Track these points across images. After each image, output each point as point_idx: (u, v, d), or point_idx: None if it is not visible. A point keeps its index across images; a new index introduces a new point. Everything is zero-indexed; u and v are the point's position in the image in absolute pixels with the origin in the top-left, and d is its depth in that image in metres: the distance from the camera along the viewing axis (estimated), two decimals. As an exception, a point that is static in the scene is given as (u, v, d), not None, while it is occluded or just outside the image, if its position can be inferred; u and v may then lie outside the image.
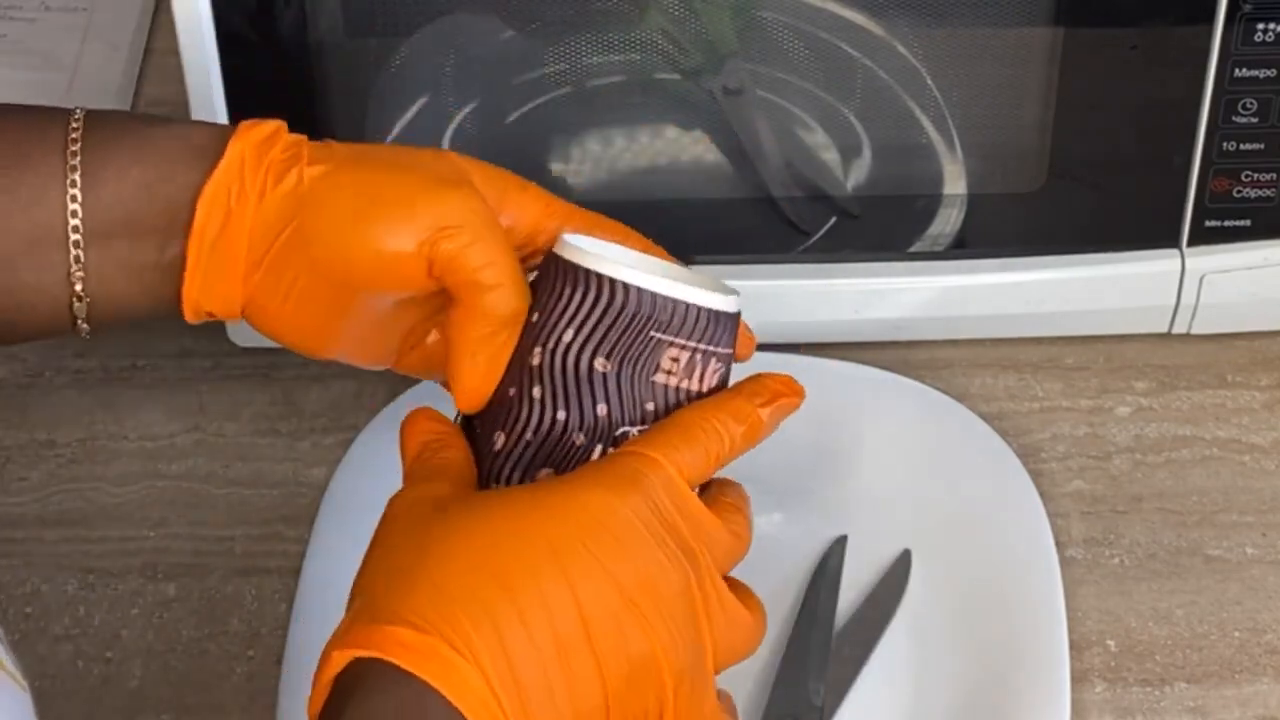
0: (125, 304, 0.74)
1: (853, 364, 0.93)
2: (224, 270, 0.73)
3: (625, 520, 0.66)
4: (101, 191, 0.73)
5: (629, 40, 0.88)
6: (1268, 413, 0.95)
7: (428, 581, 0.63)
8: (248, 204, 0.72)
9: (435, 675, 0.61)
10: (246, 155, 0.73)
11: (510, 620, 0.63)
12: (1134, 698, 0.85)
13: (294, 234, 0.72)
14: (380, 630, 0.62)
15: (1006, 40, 0.88)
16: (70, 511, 0.91)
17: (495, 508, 0.66)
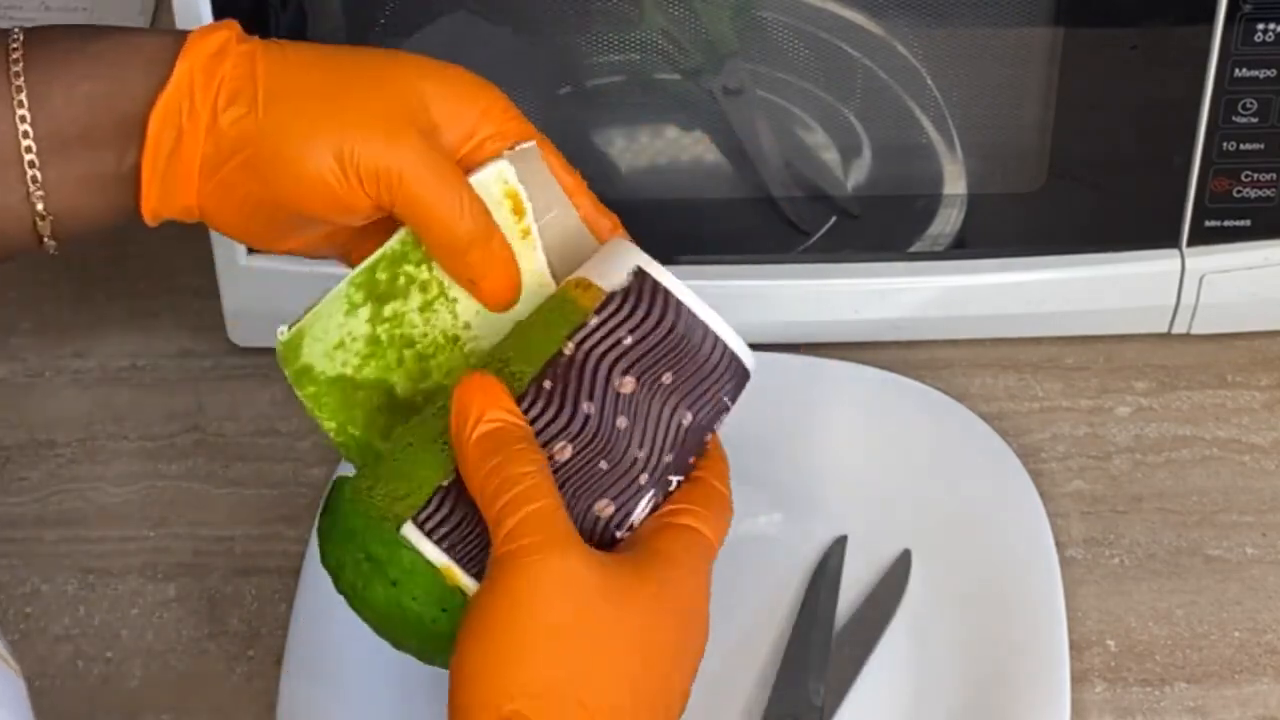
0: (88, 216, 0.74)
1: (853, 364, 0.93)
2: (180, 182, 0.73)
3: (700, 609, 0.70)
4: (51, 108, 0.72)
5: (629, 40, 0.88)
6: (1268, 413, 0.95)
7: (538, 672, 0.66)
8: (199, 123, 0.72)
9: None
10: (196, 73, 0.72)
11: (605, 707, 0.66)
12: (1134, 698, 0.85)
13: (243, 163, 0.72)
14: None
15: (1006, 40, 0.88)
16: (70, 511, 0.92)
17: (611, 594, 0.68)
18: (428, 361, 0.75)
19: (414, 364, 0.75)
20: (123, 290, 1.00)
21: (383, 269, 0.75)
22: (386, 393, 0.75)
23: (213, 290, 0.94)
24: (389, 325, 0.75)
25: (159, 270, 1.00)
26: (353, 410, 0.75)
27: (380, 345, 0.75)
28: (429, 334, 0.75)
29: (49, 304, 0.99)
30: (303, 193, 0.72)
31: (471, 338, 0.75)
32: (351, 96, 0.73)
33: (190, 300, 0.99)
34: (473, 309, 0.75)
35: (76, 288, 1.00)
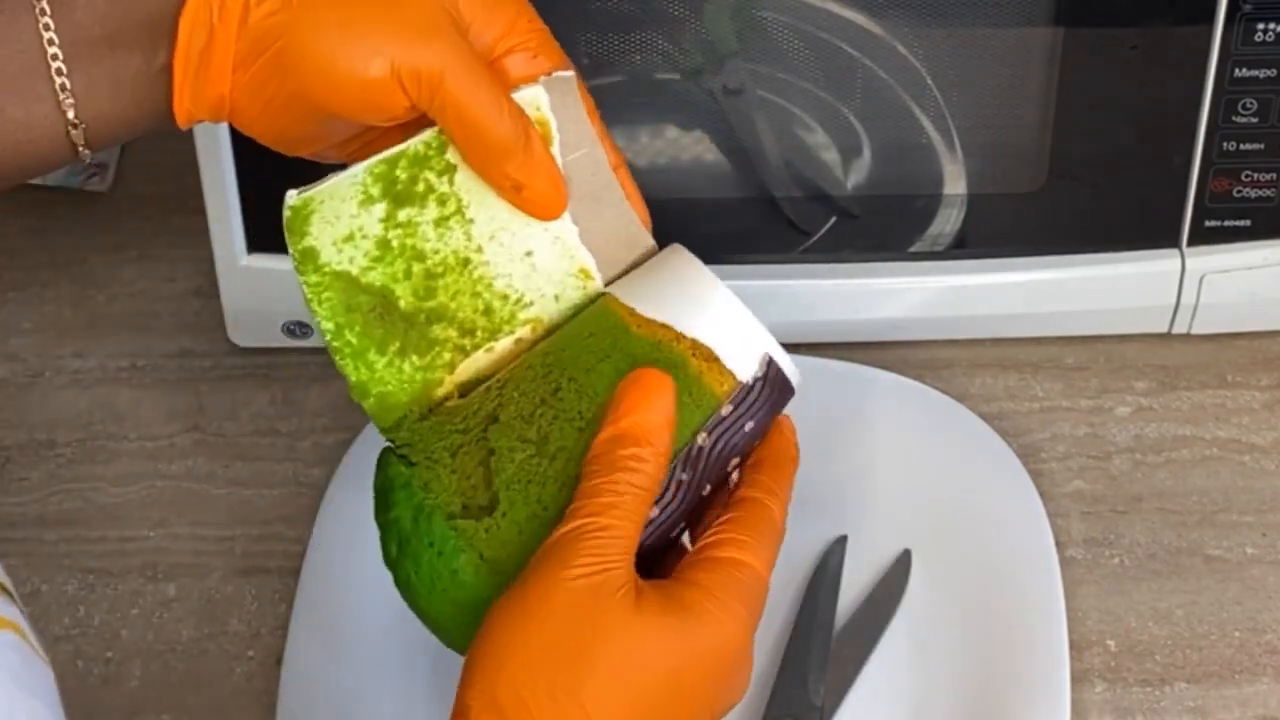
0: (120, 121, 0.73)
1: (853, 364, 0.93)
2: (212, 81, 0.72)
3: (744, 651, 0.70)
4: (74, 12, 0.71)
5: (629, 40, 0.88)
6: (1268, 413, 0.95)
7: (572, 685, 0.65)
8: (231, 20, 0.71)
9: None
10: None
11: None
12: (1134, 698, 0.85)
13: (275, 57, 0.71)
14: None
15: (1006, 40, 0.88)
16: (70, 511, 0.92)
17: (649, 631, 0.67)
18: (435, 280, 0.74)
19: (421, 279, 0.74)
20: (123, 290, 1.00)
21: (404, 167, 0.73)
22: (388, 303, 0.74)
23: (213, 290, 0.94)
24: (401, 231, 0.73)
25: (159, 270, 1.00)
26: (352, 314, 0.73)
27: (390, 250, 0.73)
28: (440, 251, 0.74)
29: (49, 304, 0.99)
30: (336, 91, 0.71)
31: (483, 262, 0.74)
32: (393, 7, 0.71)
33: (190, 300, 0.99)
34: (487, 234, 0.74)
35: (76, 288, 1.00)
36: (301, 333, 0.94)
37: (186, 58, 0.71)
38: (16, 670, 0.61)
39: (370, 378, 0.74)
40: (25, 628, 0.64)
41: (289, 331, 0.94)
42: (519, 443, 0.71)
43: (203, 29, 0.71)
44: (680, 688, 0.67)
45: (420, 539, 0.71)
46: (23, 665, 0.62)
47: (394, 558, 0.72)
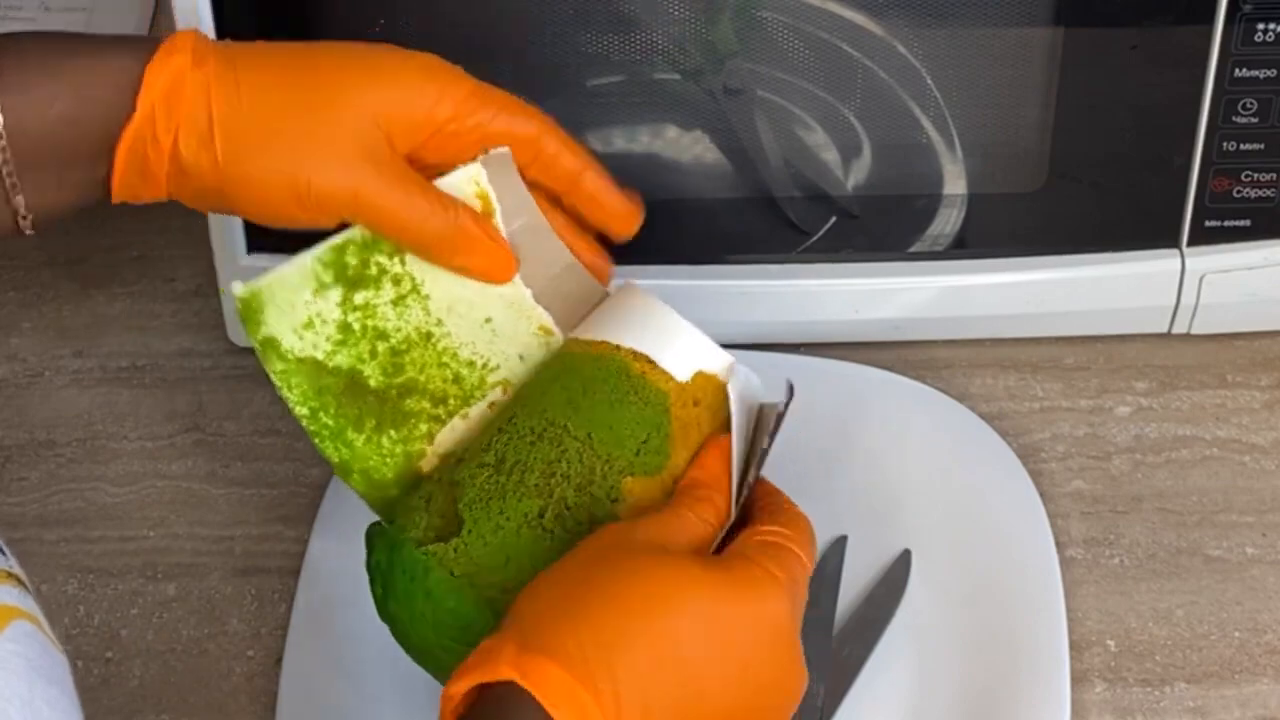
0: (64, 208, 0.76)
1: (853, 364, 0.93)
2: (151, 191, 0.76)
3: (786, 623, 0.69)
4: (25, 128, 0.74)
5: (629, 40, 0.88)
6: (1268, 413, 0.95)
7: (599, 625, 0.65)
8: (163, 152, 0.74)
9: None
10: (156, 106, 0.74)
11: (661, 692, 0.65)
12: (1134, 698, 0.85)
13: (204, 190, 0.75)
14: (541, 665, 0.63)
15: (1006, 40, 0.88)
16: (70, 511, 0.92)
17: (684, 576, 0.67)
18: (401, 356, 0.76)
19: (387, 357, 0.76)
20: (123, 290, 1.00)
21: (352, 253, 0.76)
22: (358, 384, 0.76)
23: (213, 290, 0.94)
24: (361, 314, 0.76)
25: (159, 270, 1.00)
26: (324, 396, 0.76)
27: (352, 333, 0.76)
28: (402, 328, 0.76)
29: (49, 304, 0.99)
30: (268, 214, 0.75)
31: (444, 334, 0.77)
32: (301, 125, 0.74)
33: (190, 300, 0.99)
34: (444, 306, 0.76)
35: (76, 288, 1.00)
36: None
37: (124, 179, 0.75)
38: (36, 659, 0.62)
39: (351, 455, 0.77)
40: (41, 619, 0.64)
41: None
42: (478, 468, 0.73)
43: (138, 157, 0.75)
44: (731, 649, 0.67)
45: (396, 570, 0.72)
46: (41, 654, 0.63)
47: (379, 598, 0.73)
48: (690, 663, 0.66)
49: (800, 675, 0.70)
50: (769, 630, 0.68)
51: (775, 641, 0.68)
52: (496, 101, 0.77)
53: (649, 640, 0.65)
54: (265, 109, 0.74)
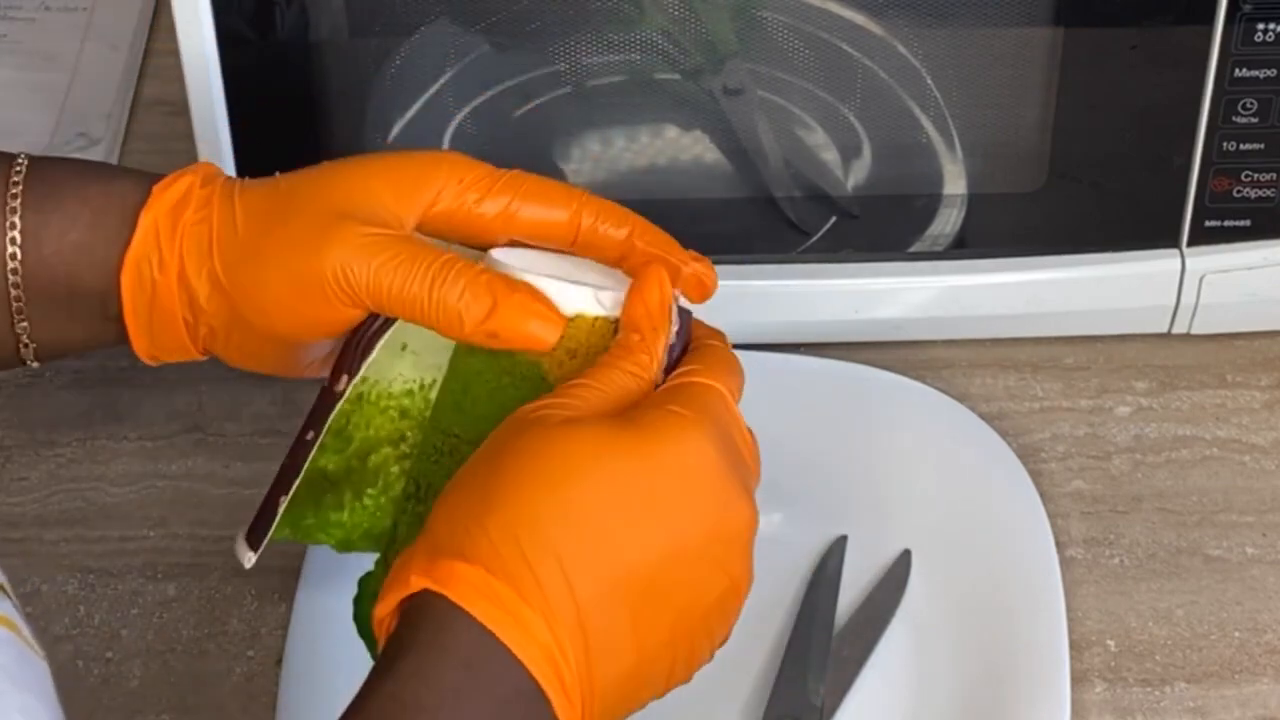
0: (73, 345, 0.76)
1: (853, 364, 0.93)
2: (169, 330, 0.75)
3: (711, 460, 0.66)
4: (41, 253, 0.74)
5: (629, 40, 0.88)
6: (1268, 413, 0.95)
7: (503, 512, 0.63)
8: (170, 275, 0.73)
9: (501, 625, 0.61)
10: (161, 227, 0.74)
11: (583, 564, 0.63)
12: (1134, 698, 0.85)
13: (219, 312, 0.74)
14: (450, 566, 0.62)
15: (1006, 40, 0.88)
16: (70, 511, 0.91)
17: (582, 438, 0.65)
18: (345, 430, 0.77)
19: (332, 440, 0.76)
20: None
21: None
22: (322, 478, 0.77)
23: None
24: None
25: (159, 270, 1.00)
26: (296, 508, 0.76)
27: None
28: (341, 408, 0.75)
29: (49, 304, 0.99)
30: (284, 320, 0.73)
31: (372, 384, 0.77)
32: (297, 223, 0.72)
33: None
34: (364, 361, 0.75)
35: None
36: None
37: (134, 309, 0.74)
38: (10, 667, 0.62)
39: (345, 532, 0.77)
40: (19, 623, 0.64)
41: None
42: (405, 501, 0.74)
43: (146, 282, 0.74)
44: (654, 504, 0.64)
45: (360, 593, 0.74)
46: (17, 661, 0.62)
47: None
48: (613, 528, 0.64)
49: (744, 509, 0.67)
50: (689, 473, 0.65)
51: (699, 482, 0.66)
52: (518, 187, 0.74)
53: (561, 516, 0.63)
54: (260, 216, 0.73)
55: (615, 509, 0.64)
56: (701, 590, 0.66)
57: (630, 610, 0.64)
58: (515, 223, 0.74)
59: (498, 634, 0.61)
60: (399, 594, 0.63)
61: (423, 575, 0.63)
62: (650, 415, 0.67)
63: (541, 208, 0.74)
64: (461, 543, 0.63)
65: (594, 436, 0.65)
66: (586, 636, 0.63)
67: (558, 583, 0.62)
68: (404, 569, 0.64)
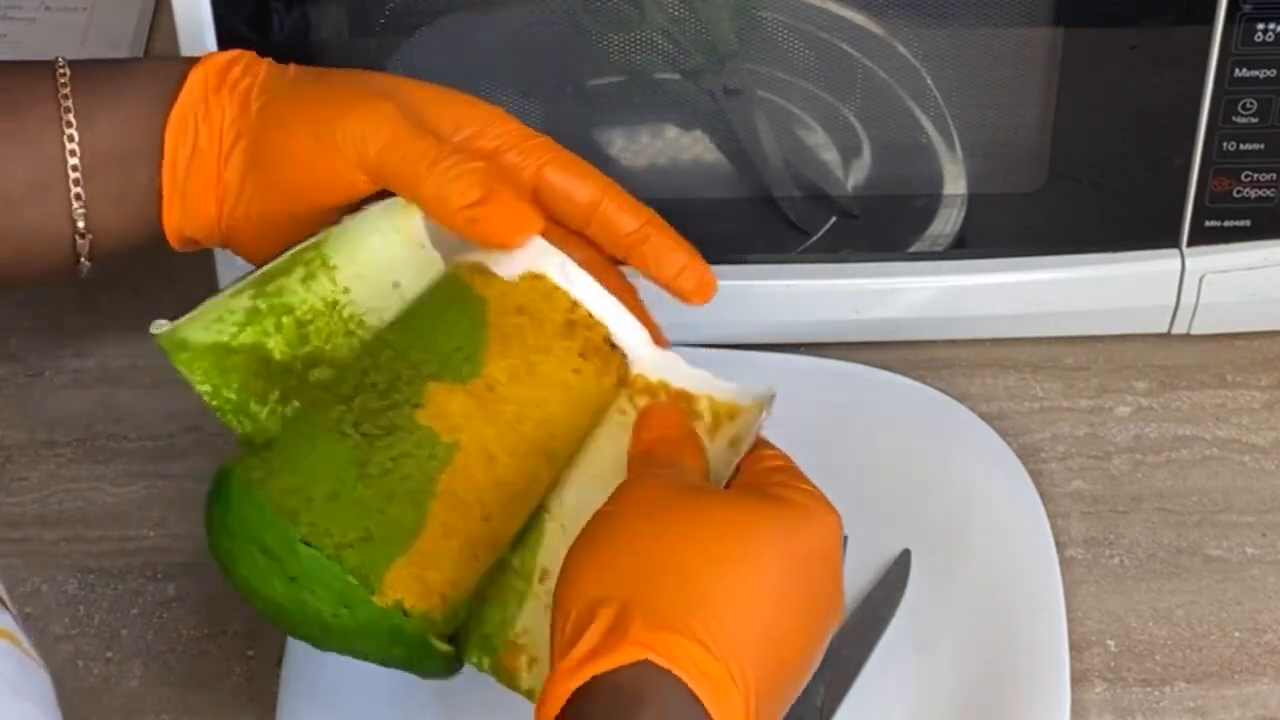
0: (123, 235, 0.77)
1: (853, 364, 0.93)
2: (201, 196, 0.76)
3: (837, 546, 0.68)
4: (95, 129, 0.75)
5: (629, 40, 0.88)
6: (1268, 413, 0.95)
7: (712, 594, 0.63)
8: (215, 127, 0.75)
9: (720, 709, 0.61)
10: (209, 80, 0.75)
11: (772, 651, 0.64)
12: (1134, 698, 0.85)
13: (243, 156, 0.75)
14: (677, 642, 0.61)
15: (1006, 40, 0.88)
16: (70, 511, 0.91)
17: (765, 517, 0.66)
18: (306, 327, 0.75)
19: (292, 329, 0.75)
20: (123, 290, 1.00)
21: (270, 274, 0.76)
22: (263, 358, 0.74)
23: (213, 290, 0.94)
24: (269, 297, 0.75)
25: (159, 270, 1.00)
26: (227, 374, 0.74)
27: (259, 314, 0.74)
28: (307, 300, 0.75)
29: (49, 304, 0.99)
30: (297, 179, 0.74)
31: (349, 302, 0.75)
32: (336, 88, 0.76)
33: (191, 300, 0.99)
34: (351, 274, 0.75)
35: (76, 288, 1.00)
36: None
37: (174, 168, 0.75)
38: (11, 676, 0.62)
39: (255, 428, 0.74)
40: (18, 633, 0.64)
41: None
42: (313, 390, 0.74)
43: (188, 137, 0.75)
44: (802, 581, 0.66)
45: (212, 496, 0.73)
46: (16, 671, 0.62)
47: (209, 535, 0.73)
48: (779, 607, 0.64)
49: (842, 594, 0.69)
50: (827, 554, 0.67)
51: (831, 565, 0.68)
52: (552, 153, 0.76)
53: (757, 598, 0.64)
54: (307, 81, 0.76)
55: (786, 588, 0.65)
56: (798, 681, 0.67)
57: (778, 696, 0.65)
58: (542, 185, 0.75)
59: (714, 714, 0.61)
60: (611, 664, 0.61)
61: (645, 646, 0.61)
62: (792, 495, 0.68)
63: (570, 178, 0.76)
64: (682, 617, 0.62)
65: (776, 515, 0.67)
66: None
67: (760, 669, 0.63)
68: (617, 638, 0.62)
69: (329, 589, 0.69)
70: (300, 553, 0.69)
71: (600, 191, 0.76)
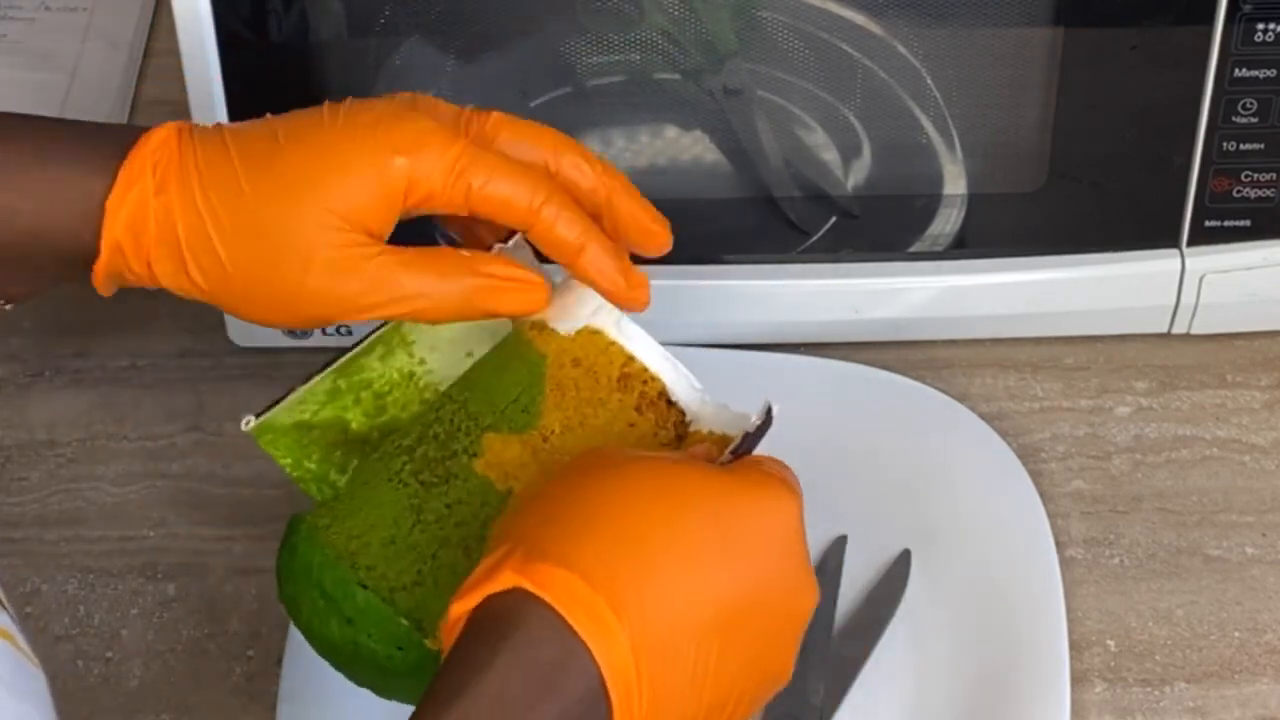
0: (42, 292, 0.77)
1: (853, 364, 0.93)
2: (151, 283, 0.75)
3: (798, 527, 0.68)
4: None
5: (629, 40, 0.88)
6: (1268, 413, 0.95)
7: (613, 529, 0.64)
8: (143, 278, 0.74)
9: (593, 636, 0.62)
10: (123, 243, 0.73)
11: (674, 600, 0.63)
12: (1134, 698, 0.85)
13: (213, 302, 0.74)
14: (552, 571, 0.62)
15: (1006, 40, 0.88)
16: (70, 511, 0.92)
17: (693, 477, 0.67)
18: (384, 398, 0.77)
19: (370, 402, 0.76)
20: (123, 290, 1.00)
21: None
22: (342, 430, 0.76)
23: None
24: (349, 375, 0.76)
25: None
26: (308, 448, 0.76)
27: (339, 392, 0.76)
28: (385, 373, 0.76)
29: (49, 304, 0.99)
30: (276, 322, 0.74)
31: (426, 372, 0.77)
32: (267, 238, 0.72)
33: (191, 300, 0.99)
34: (428, 346, 0.77)
35: (76, 288, 1.00)
36: (301, 333, 0.94)
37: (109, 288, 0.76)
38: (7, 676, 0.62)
39: (333, 493, 0.76)
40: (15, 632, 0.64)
41: (289, 331, 0.94)
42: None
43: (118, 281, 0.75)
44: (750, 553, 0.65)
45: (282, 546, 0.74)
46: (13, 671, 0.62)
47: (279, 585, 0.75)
48: (713, 570, 0.64)
49: (811, 590, 0.68)
50: (780, 535, 0.67)
51: (786, 548, 0.67)
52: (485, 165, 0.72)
53: (670, 546, 0.64)
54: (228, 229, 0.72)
55: (719, 551, 0.65)
56: (763, 658, 0.67)
57: (707, 657, 0.64)
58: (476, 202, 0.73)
59: (587, 641, 0.62)
60: (487, 590, 0.63)
61: (519, 574, 0.63)
62: (755, 472, 0.68)
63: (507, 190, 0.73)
64: (566, 551, 0.63)
65: (706, 477, 0.67)
66: (664, 672, 0.63)
67: (655, 611, 0.63)
68: (498, 568, 0.63)
69: (383, 631, 0.71)
70: (356, 595, 0.71)
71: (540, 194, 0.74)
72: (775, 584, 0.67)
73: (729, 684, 0.65)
